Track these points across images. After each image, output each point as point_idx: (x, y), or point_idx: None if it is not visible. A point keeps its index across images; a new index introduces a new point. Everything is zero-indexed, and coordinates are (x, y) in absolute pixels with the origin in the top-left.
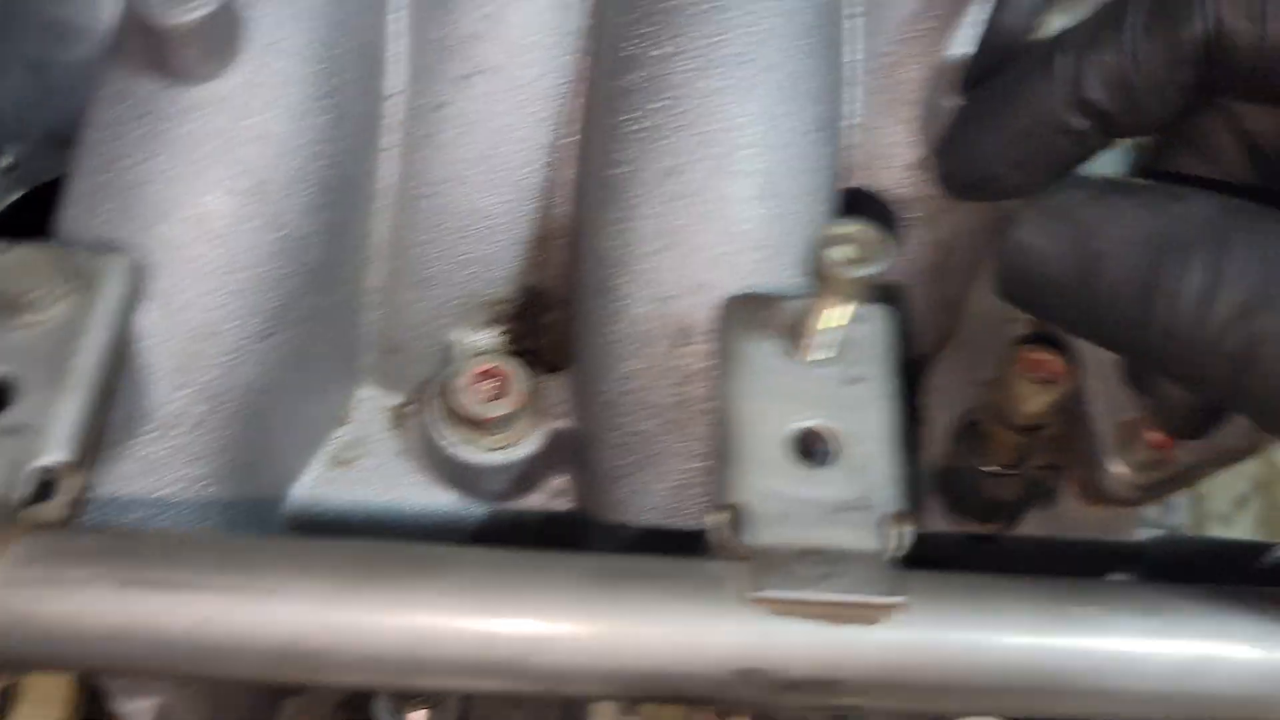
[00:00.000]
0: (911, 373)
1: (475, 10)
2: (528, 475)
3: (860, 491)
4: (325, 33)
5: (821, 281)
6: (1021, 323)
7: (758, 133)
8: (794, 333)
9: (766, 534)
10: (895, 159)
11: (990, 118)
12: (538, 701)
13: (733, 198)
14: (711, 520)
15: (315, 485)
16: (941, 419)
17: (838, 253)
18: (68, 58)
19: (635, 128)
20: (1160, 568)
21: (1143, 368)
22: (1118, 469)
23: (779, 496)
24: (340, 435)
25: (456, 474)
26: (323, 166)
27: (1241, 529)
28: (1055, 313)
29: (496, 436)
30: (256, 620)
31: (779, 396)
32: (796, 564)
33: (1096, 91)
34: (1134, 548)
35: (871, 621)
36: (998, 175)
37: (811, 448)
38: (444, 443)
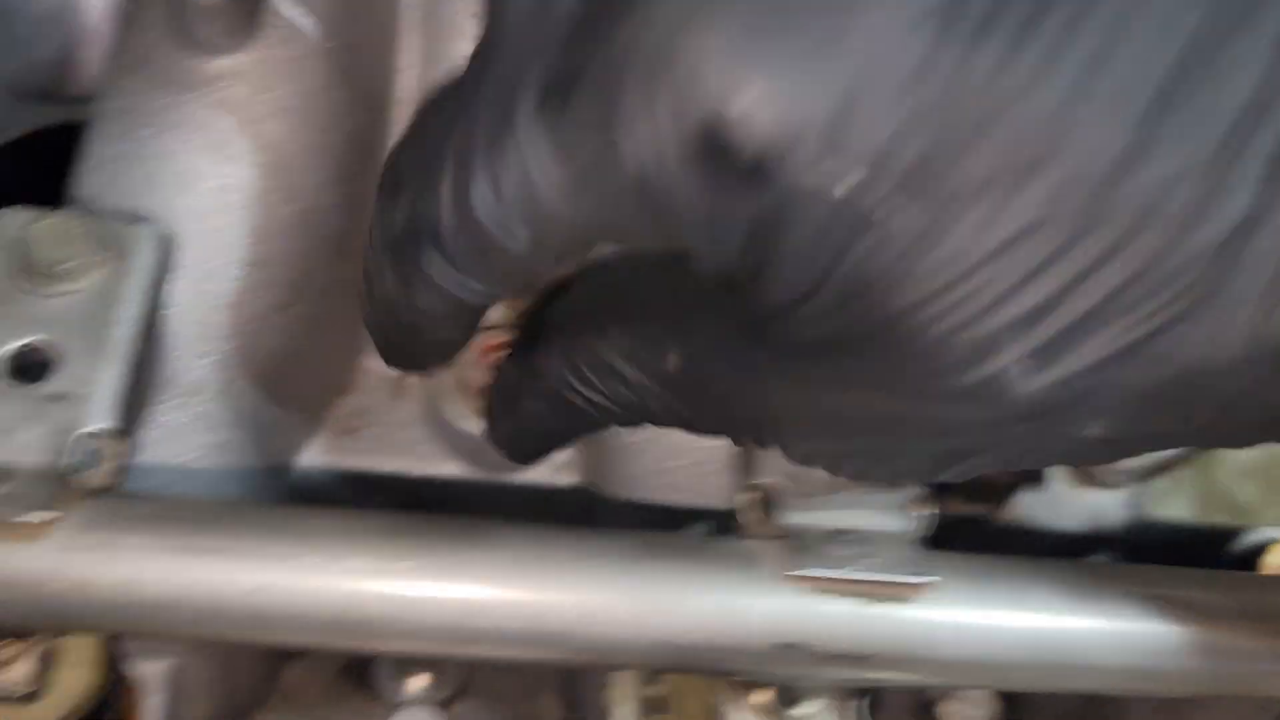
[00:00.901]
0: None
1: None
2: None
3: None
4: (341, 10)
5: None
6: None
7: None
8: None
9: (797, 514)
10: None
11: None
12: (540, 669)
13: None
14: (740, 500)
15: (319, 454)
16: None
17: None
18: (31, 9)
19: None
20: (1135, 550)
21: None
22: None
23: (804, 477)
24: (344, 404)
25: (461, 445)
26: (340, 140)
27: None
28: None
29: None
30: (310, 588)
31: None
32: (829, 545)
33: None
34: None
35: (904, 599)
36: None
37: None
38: (451, 415)
